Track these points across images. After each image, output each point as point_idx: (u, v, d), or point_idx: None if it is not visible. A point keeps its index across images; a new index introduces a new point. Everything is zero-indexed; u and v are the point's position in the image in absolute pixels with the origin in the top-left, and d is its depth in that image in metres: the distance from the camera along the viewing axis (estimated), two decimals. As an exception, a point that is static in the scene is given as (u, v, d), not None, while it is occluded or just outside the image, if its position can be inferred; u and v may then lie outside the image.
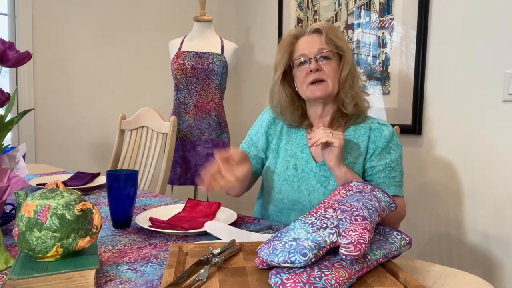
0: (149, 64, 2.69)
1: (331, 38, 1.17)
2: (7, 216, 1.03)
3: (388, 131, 1.17)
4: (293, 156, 1.20)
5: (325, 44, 1.16)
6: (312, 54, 1.16)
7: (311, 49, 1.16)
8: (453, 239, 1.88)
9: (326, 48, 1.16)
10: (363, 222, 0.71)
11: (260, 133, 1.28)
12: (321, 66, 1.16)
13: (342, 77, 1.17)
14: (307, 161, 1.18)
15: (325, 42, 1.16)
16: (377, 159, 1.16)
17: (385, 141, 1.16)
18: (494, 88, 1.71)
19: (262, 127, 1.29)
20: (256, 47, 2.93)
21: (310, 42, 1.18)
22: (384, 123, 1.20)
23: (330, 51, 1.16)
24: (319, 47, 1.16)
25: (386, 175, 1.15)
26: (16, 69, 2.22)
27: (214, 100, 2.27)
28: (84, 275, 0.67)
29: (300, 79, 1.19)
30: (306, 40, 1.19)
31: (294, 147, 1.22)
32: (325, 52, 1.16)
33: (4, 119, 0.92)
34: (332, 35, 1.17)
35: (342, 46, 1.17)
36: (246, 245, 0.84)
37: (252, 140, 1.30)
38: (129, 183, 1.04)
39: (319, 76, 1.15)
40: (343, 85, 1.17)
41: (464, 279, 0.76)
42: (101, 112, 2.52)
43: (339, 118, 1.21)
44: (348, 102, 1.18)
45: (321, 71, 1.16)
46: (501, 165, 1.71)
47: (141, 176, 1.83)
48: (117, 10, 2.55)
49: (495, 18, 1.69)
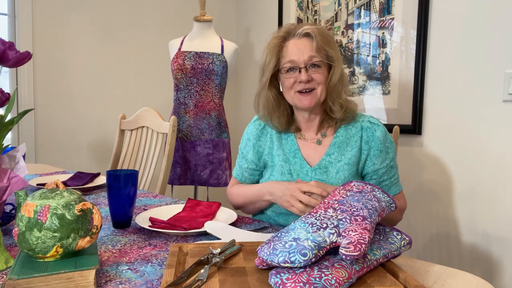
0: (149, 64, 2.69)
1: (322, 46, 1.12)
2: (7, 216, 1.03)
3: (380, 131, 1.17)
4: (286, 161, 1.19)
5: (315, 52, 1.12)
6: (302, 63, 1.12)
7: (301, 56, 1.12)
8: (453, 239, 1.88)
9: (317, 56, 1.12)
10: (363, 222, 0.71)
11: (248, 146, 1.27)
12: (310, 75, 1.13)
13: (331, 86, 1.14)
14: (301, 166, 1.18)
15: (315, 49, 1.12)
16: (378, 161, 1.16)
17: (380, 142, 1.16)
18: (494, 88, 1.71)
19: (249, 140, 1.27)
20: (256, 47, 2.93)
21: (300, 47, 1.13)
22: (375, 121, 1.19)
23: (321, 60, 1.13)
24: (309, 54, 1.12)
25: (389, 177, 1.19)
26: (16, 69, 2.22)
27: (214, 100, 2.27)
28: (84, 275, 0.67)
29: (287, 85, 1.16)
30: (295, 45, 1.14)
31: (286, 153, 1.21)
32: (316, 60, 1.12)
33: (4, 119, 0.92)
34: (323, 43, 1.12)
35: (333, 56, 1.13)
36: (246, 245, 0.84)
37: (243, 154, 1.29)
38: (129, 183, 1.04)
39: (309, 86, 1.13)
40: (331, 93, 1.15)
41: (464, 279, 0.76)
42: (101, 112, 2.52)
43: (328, 120, 1.20)
44: (337, 109, 1.16)
45: (311, 81, 1.13)
46: (501, 165, 1.71)
47: (141, 176, 1.83)
48: (117, 10, 2.55)
49: (495, 18, 1.69)
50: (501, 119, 1.70)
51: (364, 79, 2.18)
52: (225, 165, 2.30)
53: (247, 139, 1.28)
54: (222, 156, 2.29)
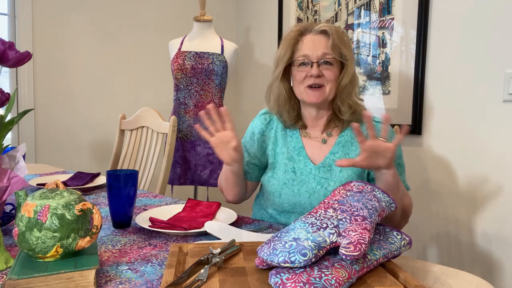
0: (149, 64, 2.69)
1: (337, 44, 1.14)
2: (7, 216, 1.03)
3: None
4: (290, 159, 1.20)
5: (330, 49, 1.13)
6: (315, 58, 1.13)
7: (315, 51, 1.13)
8: (453, 239, 1.88)
9: (331, 54, 1.13)
10: (363, 222, 0.71)
11: (252, 139, 1.27)
12: (322, 71, 1.14)
13: (342, 85, 1.15)
14: (305, 164, 1.18)
15: (330, 47, 1.13)
16: None
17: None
18: (494, 88, 1.71)
19: (254, 134, 1.27)
20: (256, 47, 2.93)
21: (315, 42, 1.15)
22: (379, 120, 1.19)
23: (334, 57, 1.14)
24: (323, 51, 1.13)
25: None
26: (16, 69, 2.22)
27: (214, 100, 2.27)
28: (84, 275, 0.67)
29: (297, 79, 1.17)
30: (311, 40, 1.15)
31: (290, 150, 1.21)
32: (329, 58, 1.14)
33: (4, 119, 0.92)
34: (339, 41, 1.14)
35: (347, 55, 1.15)
36: (246, 245, 0.84)
37: (246, 147, 1.29)
38: (129, 183, 1.04)
39: (318, 82, 1.14)
40: (341, 93, 1.16)
41: (464, 279, 0.76)
42: (101, 112, 2.52)
43: (336, 120, 1.20)
44: (345, 110, 1.16)
45: (322, 77, 1.14)
46: (501, 165, 1.71)
47: (141, 176, 1.83)
48: (117, 10, 2.55)
49: (495, 18, 1.69)
50: (501, 119, 1.70)
51: (364, 79, 2.18)
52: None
53: (252, 133, 1.28)
54: (222, 156, 2.28)
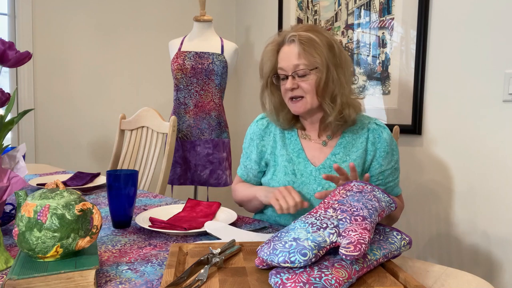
0: (149, 64, 2.69)
1: (307, 51, 1.09)
2: (7, 216, 1.03)
3: (386, 133, 1.18)
4: (290, 161, 1.19)
5: (300, 59, 1.09)
6: (289, 70, 1.11)
7: (288, 63, 1.11)
8: (453, 239, 1.88)
9: (301, 65, 1.09)
10: (363, 222, 0.71)
11: (252, 146, 1.27)
12: (297, 83, 1.11)
13: (319, 92, 1.12)
14: (305, 166, 1.18)
15: (300, 56, 1.09)
16: (385, 162, 1.17)
17: (387, 144, 1.17)
18: (494, 88, 1.71)
19: (252, 140, 1.27)
20: (256, 47, 2.93)
21: (288, 54, 1.12)
22: (381, 124, 1.20)
23: (304, 69, 1.10)
24: (294, 63, 1.10)
25: (393, 179, 1.21)
26: (16, 69, 2.22)
27: (214, 100, 2.27)
28: (84, 275, 0.67)
29: (282, 91, 1.17)
30: (285, 51, 1.13)
31: (290, 153, 1.21)
32: (300, 69, 1.10)
33: (4, 119, 0.92)
34: (309, 47, 1.09)
35: (317, 62, 1.09)
36: (246, 245, 0.84)
37: (247, 154, 1.30)
38: (129, 183, 1.04)
39: (296, 94, 1.13)
40: (324, 98, 1.12)
41: (464, 279, 0.76)
42: (101, 112, 2.52)
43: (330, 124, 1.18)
44: (329, 113, 1.13)
45: (298, 89, 1.12)
46: (501, 165, 1.71)
47: (141, 176, 1.83)
48: (117, 10, 2.55)
49: (495, 18, 1.69)
50: (501, 119, 1.70)
51: (364, 79, 2.18)
52: (225, 165, 2.30)
53: (250, 139, 1.28)
54: (222, 156, 2.29)
